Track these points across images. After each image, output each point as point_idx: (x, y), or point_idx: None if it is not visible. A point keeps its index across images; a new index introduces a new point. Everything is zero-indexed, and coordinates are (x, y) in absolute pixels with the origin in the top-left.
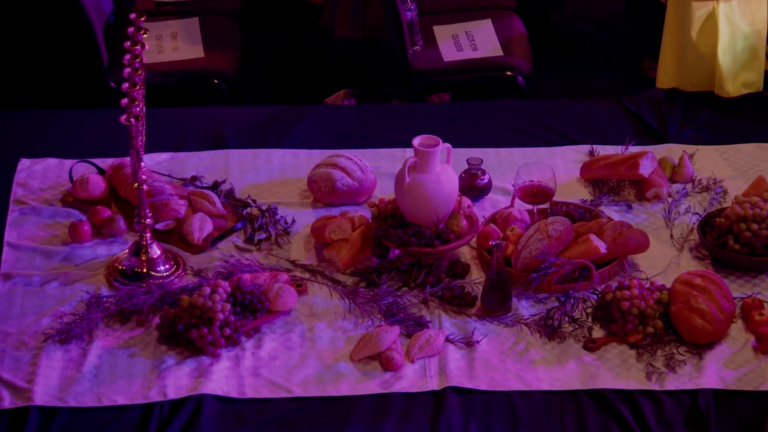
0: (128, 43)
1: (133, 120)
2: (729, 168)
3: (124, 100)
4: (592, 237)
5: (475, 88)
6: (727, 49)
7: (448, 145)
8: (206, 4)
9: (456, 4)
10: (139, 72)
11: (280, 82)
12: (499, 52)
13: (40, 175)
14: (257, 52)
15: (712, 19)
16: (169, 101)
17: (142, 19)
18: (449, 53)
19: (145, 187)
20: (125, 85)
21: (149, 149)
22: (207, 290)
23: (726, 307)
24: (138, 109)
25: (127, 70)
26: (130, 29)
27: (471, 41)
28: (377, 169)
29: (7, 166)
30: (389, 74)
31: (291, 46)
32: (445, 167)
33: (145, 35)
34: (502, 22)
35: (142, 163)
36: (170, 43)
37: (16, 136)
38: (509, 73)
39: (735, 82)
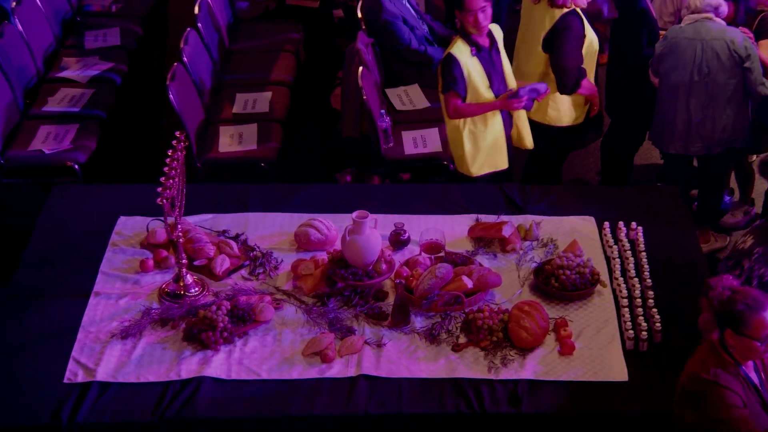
0: (170, 150)
1: (165, 201)
2: (559, 233)
3: (159, 188)
4: (464, 277)
5: (424, 171)
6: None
7: (375, 217)
8: (263, 115)
9: (417, 118)
10: (176, 169)
11: (307, 162)
12: (440, 149)
13: (130, 227)
14: (294, 143)
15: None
16: (232, 177)
17: (182, 134)
18: (409, 149)
19: (181, 240)
20: (162, 178)
21: (200, 210)
22: (214, 308)
23: (543, 325)
24: (174, 193)
25: (166, 168)
26: (174, 141)
27: (423, 141)
28: (340, 227)
29: (114, 220)
30: (375, 160)
31: (317, 139)
32: (373, 231)
33: (184, 144)
34: (443, 129)
35: (179, 225)
36: (237, 140)
37: (122, 201)
38: (445, 162)
39: (480, 167)
